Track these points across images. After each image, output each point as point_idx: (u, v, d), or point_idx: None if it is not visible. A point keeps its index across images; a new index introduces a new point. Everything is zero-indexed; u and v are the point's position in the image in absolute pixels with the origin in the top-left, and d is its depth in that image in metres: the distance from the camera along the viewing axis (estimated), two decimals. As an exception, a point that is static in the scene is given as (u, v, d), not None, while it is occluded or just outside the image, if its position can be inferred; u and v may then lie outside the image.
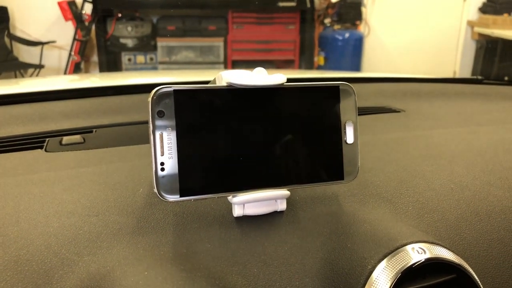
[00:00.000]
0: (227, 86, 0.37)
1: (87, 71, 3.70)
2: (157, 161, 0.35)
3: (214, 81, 0.40)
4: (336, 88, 0.40)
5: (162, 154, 0.35)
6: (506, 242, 0.41)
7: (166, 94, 0.35)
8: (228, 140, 0.37)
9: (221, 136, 0.36)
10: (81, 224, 0.38)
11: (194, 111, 0.36)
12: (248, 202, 0.38)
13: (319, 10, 3.72)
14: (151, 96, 0.34)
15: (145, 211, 0.40)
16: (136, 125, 0.66)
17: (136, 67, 3.60)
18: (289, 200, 0.40)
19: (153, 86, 0.35)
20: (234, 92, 0.37)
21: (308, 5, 3.55)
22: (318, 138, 0.40)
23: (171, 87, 0.35)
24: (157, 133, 0.35)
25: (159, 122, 0.35)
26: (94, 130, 0.63)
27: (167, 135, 0.35)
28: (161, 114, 0.35)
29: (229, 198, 0.37)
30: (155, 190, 0.35)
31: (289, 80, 0.38)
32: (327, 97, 0.40)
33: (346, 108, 0.40)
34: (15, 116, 0.68)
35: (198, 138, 0.36)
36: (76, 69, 3.42)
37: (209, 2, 3.56)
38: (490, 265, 0.40)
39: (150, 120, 0.34)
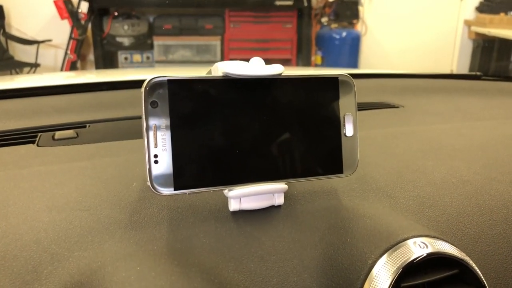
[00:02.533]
0: (223, 76, 0.36)
1: (83, 70, 3.68)
2: (151, 153, 0.34)
3: (210, 72, 0.39)
4: (335, 79, 0.39)
5: (156, 146, 0.34)
6: (508, 236, 0.40)
7: (160, 84, 0.34)
8: (224, 131, 0.35)
9: (216, 127, 0.35)
10: (72, 218, 0.37)
11: (188, 102, 0.34)
12: (244, 196, 0.36)
13: (316, 9, 3.71)
14: (144, 86, 0.33)
15: (139, 205, 0.38)
16: (130, 120, 0.65)
17: (133, 66, 3.58)
18: (286, 194, 0.39)
19: None
20: (230, 82, 0.36)
21: (305, 3, 3.54)
22: (317, 130, 0.38)
23: (165, 77, 0.34)
24: (151, 124, 0.33)
25: (152, 113, 0.33)
26: (87, 125, 0.62)
27: (161, 127, 0.34)
28: (154, 105, 0.34)
29: (225, 191, 0.36)
30: (149, 183, 0.34)
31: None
32: (326, 88, 0.39)
33: (346, 100, 0.39)
34: (7, 111, 0.67)
35: (193, 129, 0.35)
36: (72, 68, 3.40)
37: (206, 0, 3.55)
38: (493, 260, 0.39)
39: (143, 111, 0.33)
